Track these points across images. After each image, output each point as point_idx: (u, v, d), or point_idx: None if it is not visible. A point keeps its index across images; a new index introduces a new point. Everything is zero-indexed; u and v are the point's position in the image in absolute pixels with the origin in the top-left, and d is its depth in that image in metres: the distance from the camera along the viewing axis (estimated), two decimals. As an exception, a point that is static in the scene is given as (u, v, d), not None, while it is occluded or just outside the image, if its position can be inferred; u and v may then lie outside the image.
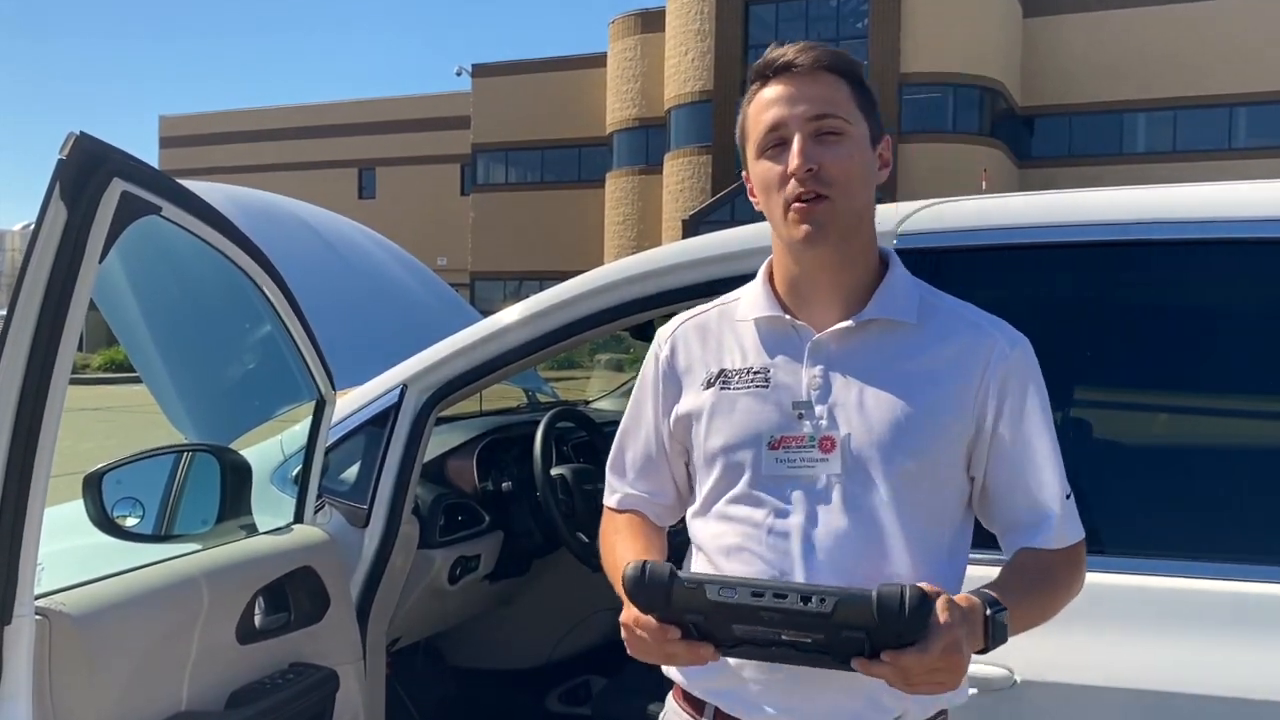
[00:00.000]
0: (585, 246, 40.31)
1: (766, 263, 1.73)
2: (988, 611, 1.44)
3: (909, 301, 1.64)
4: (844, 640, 1.36)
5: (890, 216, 2.37)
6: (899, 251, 2.26)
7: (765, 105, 1.62)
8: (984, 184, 27.97)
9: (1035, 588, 1.56)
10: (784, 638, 1.38)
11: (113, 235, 1.80)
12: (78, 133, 1.75)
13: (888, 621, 1.32)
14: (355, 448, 2.92)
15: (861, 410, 1.58)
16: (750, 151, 1.65)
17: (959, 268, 2.31)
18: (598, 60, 41.61)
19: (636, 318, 2.68)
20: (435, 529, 3.22)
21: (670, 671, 1.72)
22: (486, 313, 3.34)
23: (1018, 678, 1.98)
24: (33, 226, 1.73)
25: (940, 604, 1.37)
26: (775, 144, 1.60)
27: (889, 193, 30.74)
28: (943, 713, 1.66)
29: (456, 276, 40.49)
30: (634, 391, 1.83)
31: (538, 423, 3.56)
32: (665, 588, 1.41)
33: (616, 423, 1.89)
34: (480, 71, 44.53)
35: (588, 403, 4.84)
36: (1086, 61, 35.76)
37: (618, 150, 40.13)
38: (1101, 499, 2.16)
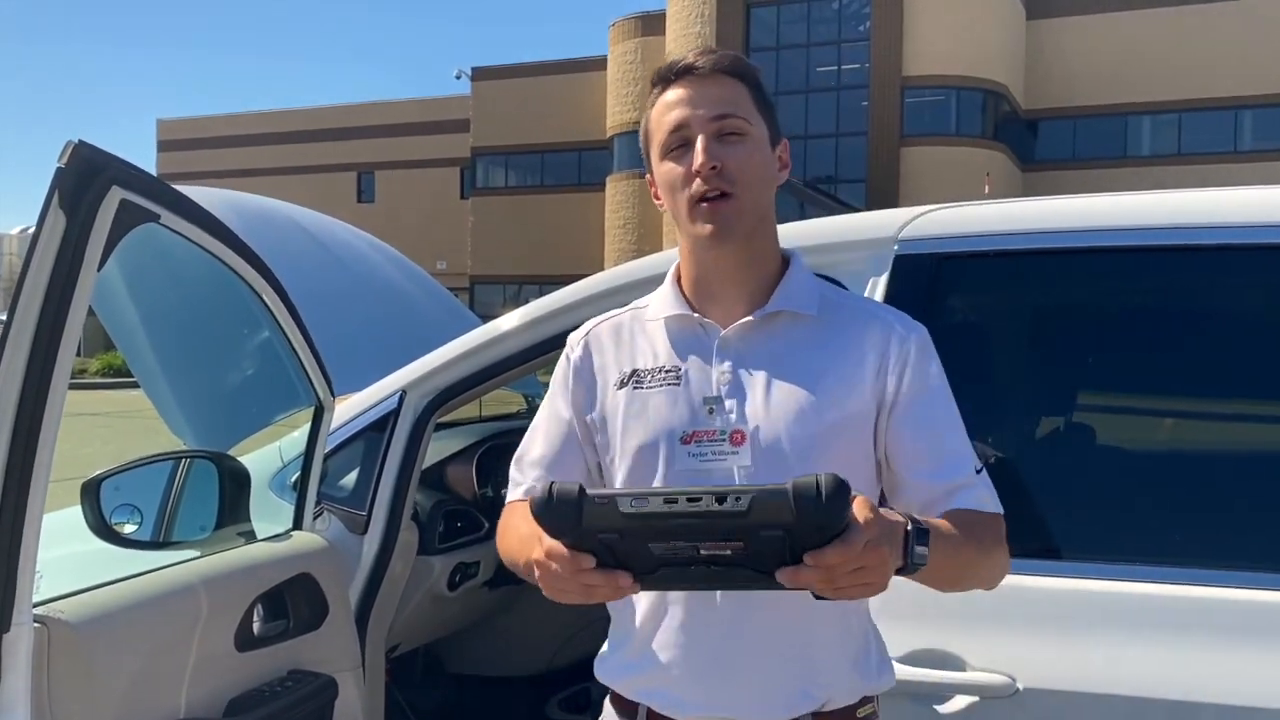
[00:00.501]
0: (585, 250, 40.31)
1: (674, 265, 1.78)
2: (909, 526, 1.42)
3: (809, 295, 1.70)
4: (764, 543, 1.31)
5: (891, 222, 2.38)
6: (900, 258, 2.30)
7: (668, 107, 1.67)
8: (987, 188, 27.98)
9: (960, 532, 1.55)
10: (703, 553, 1.33)
11: (111, 243, 1.82)
12: (76, 141, 1.77)
13: (806, 512, 1.27)
14: (354, 454, 2.93)
15: (768, 402, 1.63)
16: (654, 153, 1.71)
17: (961, 274, 2.31)
18: (598, 63, 41.63)
19: (636, 323, 2.69)
20: (434, 535, 3.24)
21: (600, 674, 1.75)
22: (486, 317, 3.35)
23: (1020, 685, 1.98)
24: (30, 231, 1.75)
25: (859, 501, 1.34)
26: (678, 145, 1.65)
27: (889, 198, 30.74)
28: (868, 699, 1.67)
29: (456, 281, 40.49)
30: (547, 393, 1.85)
31: (537, 429, 3.57)
32: (575, 505, 1.34)
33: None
34: (480, 74, 44.57)
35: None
36: (1091, 64, 35.76)
37: (618, 153, 40.13)
38: (1106, 505, 2.17)
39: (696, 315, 1.71)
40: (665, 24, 36.99)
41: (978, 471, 1.66)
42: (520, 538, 1.65)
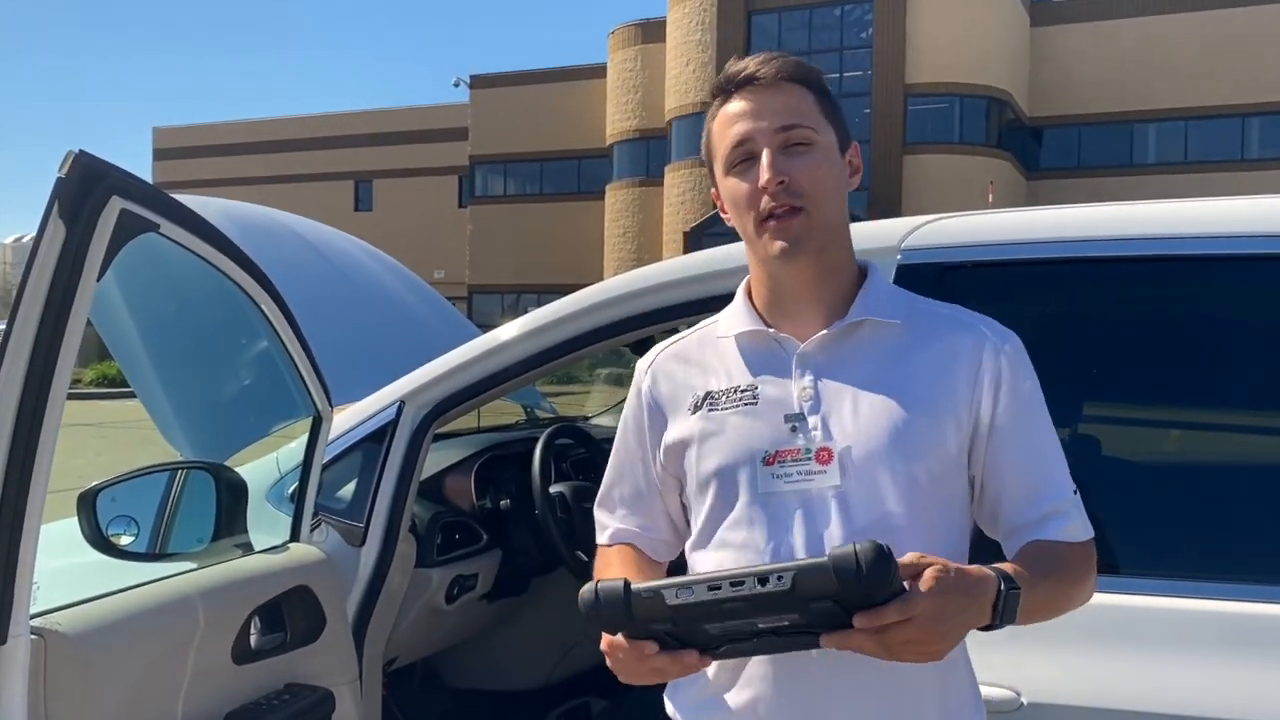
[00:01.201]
0: (585, 260, 40.34)
1: (745, 281, 1.73)
2: (1001, 586, 1.40)
3: (893, 303, 1.65)
4: (817, 613, 1.32)
5: (894, 232, 2.38)
6: (903, 268, 2.30)
7: (730, 120, 1.62)
8: (991, 197, 28.00)
9: (1051, 574, 1.52)
10: (761, 626, 1.35)
11: (111, 253, 1.83)
12: (77, 151, 1.78)
13: (849, 584, 1.28)
14: (352, 465, 2.93)
15: (856, 417, 1.57)
16: (718, 169, 1.66)
17: (965, 284, 2.30)
18: (597, 71, 41.72)
19: (637, 333, 2.70)
20: (433, 547, 3.24)
21: (674, 704, 1.70)
22: (485, 327, 3.37)
23: (1024, 700, 1.98)
24: (25, 240, 1.76)
25: (929, 572, 1.33)
26: (743, 160, 1.60)
27: (892, 207, 30.74)
28: None
29: (454, 290, 40.51)
30: (619, 427, 1.82)
31: (536, 439, 3.58)
32: (623, 603, 1.37)
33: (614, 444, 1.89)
34: (478, 82, 44.66)
35: (587, 419, 4.86)
36: (1096, 71, 35.82)
37: (618, 162, 40.21)
38: (1112, 518, 2.17)
39: (771, 330, 1.65)
40: (665, 31, 37.08)
41: (1075, 493, 1.61)
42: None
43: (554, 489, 3.48)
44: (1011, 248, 2.32)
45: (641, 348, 3.37)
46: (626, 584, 1.37)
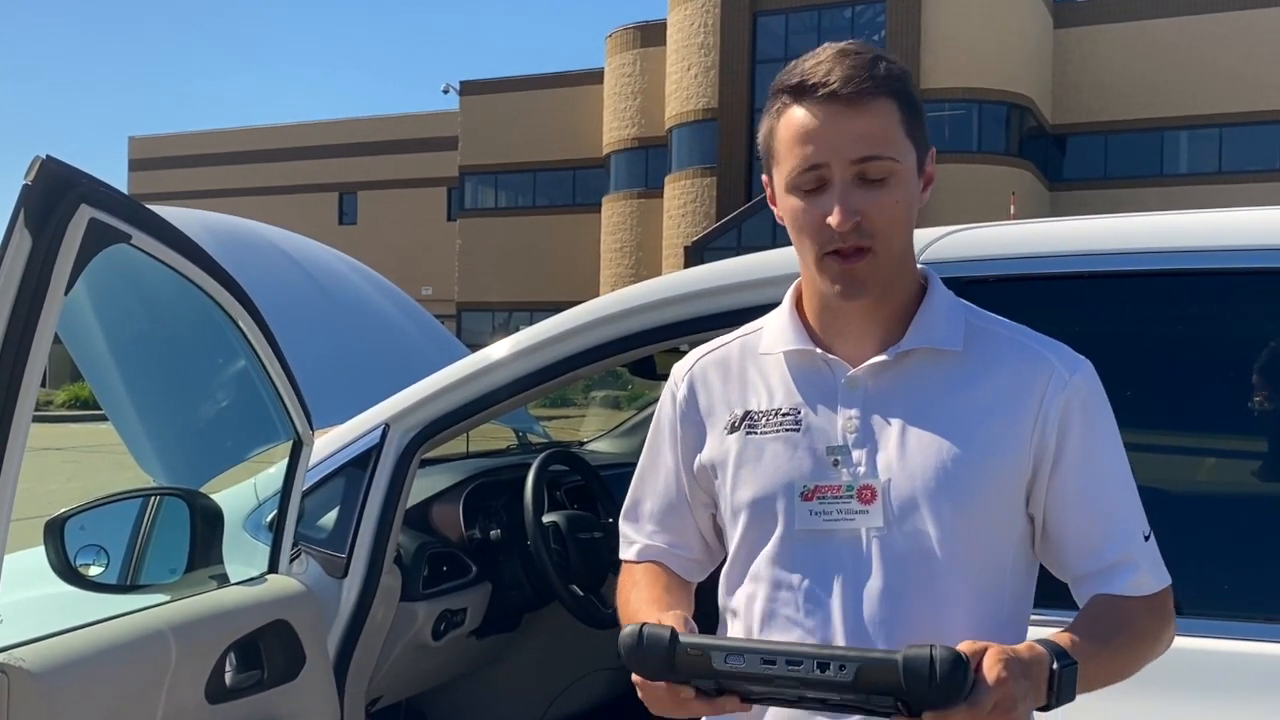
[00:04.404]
0: (580, 275, 40.39)
1: (794, 287, 1.68)
2: (1054, 665, 1.38)
3: (952, 327, 1.59)
4: (875, 702, 1.33)
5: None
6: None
7: (802, 135, 1.52)
8: (1013, 208, 28.04)
9: (1113, 638, 1.50)
10: (809, 696, 1.35)
11: (79, 265, 1.84)
12: (44, 157, 1.80)
13: (917, 689, 1.29)
14: (334, 492, 2.94)
15: (904, 454, 1.53)
16: (778, 177, 1.58)
17: (986, 300, 2.29)
18: (594, 76, 41.86)
19: (635, 353, 2.71)
20: (419, 580, 3.24)
21: None
22: (474, 346, 3.38)
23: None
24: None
25: (990, 659, 1.33)
26: (813, 186, 1.52)
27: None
28: None
29: (442, 307, 40.55)
30: (650, 434, 1.80)
31: (529, 466, 3.58)
32: (667, 653, 1.37)
33: (613, 466, 1.90)
34: (469, 89, 44.79)
35: (583, 444, 4.86)
36: (1123, 75, 35.89)
37: (615, 172, 40.29)
38: None
39: (820, 351, 1.61)
40: (666, 34, 37.22)
41: (1147, 538, 1.57)
42: (643, 602, 1.65)
43: (547, 518, 3.48)
44: (1039, 261, 2.32)
45: (641, 369, 3.40)
46: (674, 634, 1.37)
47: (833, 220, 1.49)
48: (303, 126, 52.05)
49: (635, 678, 1.45)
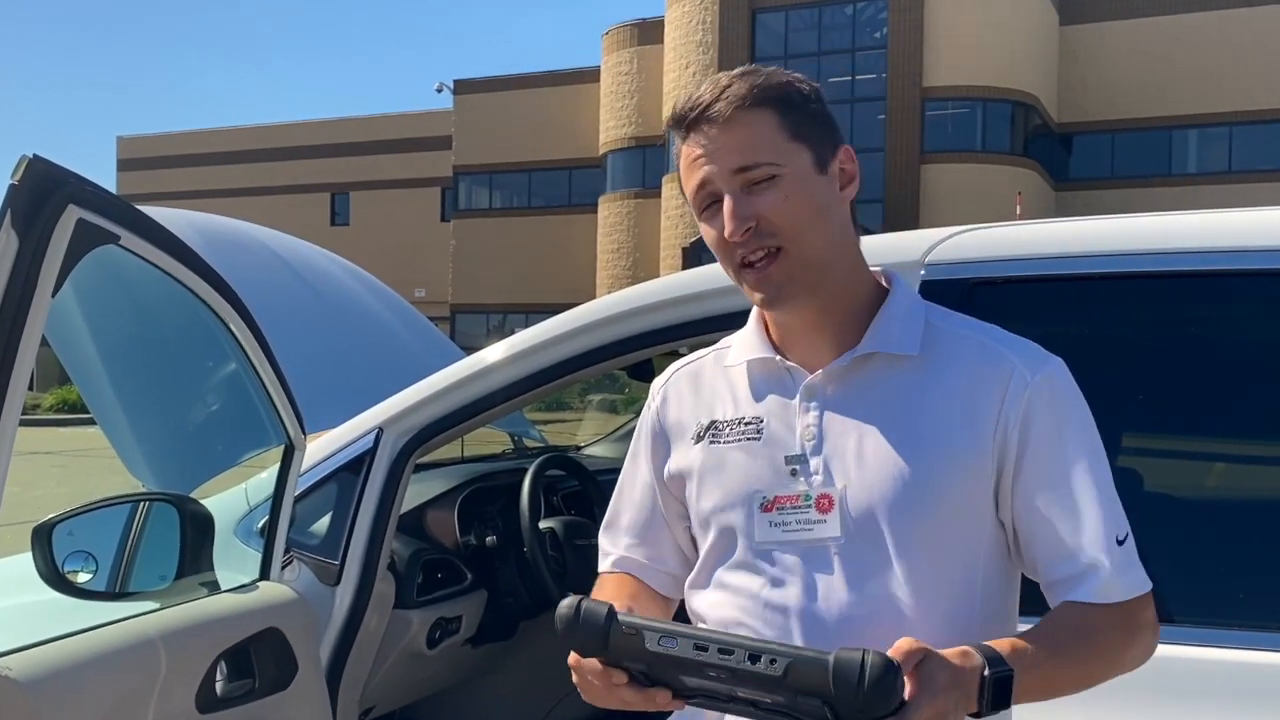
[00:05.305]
0: (576, 277, 40.39)
1: None
2: (985, 671, 1.37)
3: (909, 330, 1.60)
4: (804, 706, 1.31)
5: (917, 245, 2.39)
6: (927, 284, 2.29)
7: (689, 162, 1.58)
8: (1019, 208, 28.07)
9: (1065, 648, 1.48)
10: (740, 694, 1.34)
11: (67, 266, 1.85)
12: (30, 156, 1.80)
13: (845, 694, 1.26)
14: (326, 497, 2.94)
15: (860, 462, 1.54)
16: (693, 211, 1.63)
17: (992, 301, 2.29)
18: (590, 75, 41.87)
19: (632, 356, 2.72)
20: (413, 587, 3.24)
21: None
22: (469, 349, 3.38)
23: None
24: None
25: (923, 672, 1.32)
26: (709, 203, 1.57)
27: (909, 220, 30.76)
28: None
29: (436, 309, 40.52)
30: (630, 447, 1.82)
31: (525, 471, 3.59)
32: (602, 631, 1.38)
33: (611, 470, 1.91)
34: (463, 88, 44.81)
35: (579, 448, 4.87)
36: (1131, 73, 35.87)
37: (612, 172, 40.30)
38: (1157, 559, 2.15)
39: (779, 359, 1.63)
40: (663, 32, 37.22)
41: (1120, 543, 1.54)
42: None
43: (544, 525, 3.49)
44: (1048, 262, 2.32)
45: (637, 372, 3.40)
46: (611, 611, 1.38)
47: (727, 231, 1.53)
48: (294, 126, 52.06)
49: (571, 659, 1.49)
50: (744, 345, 1.69)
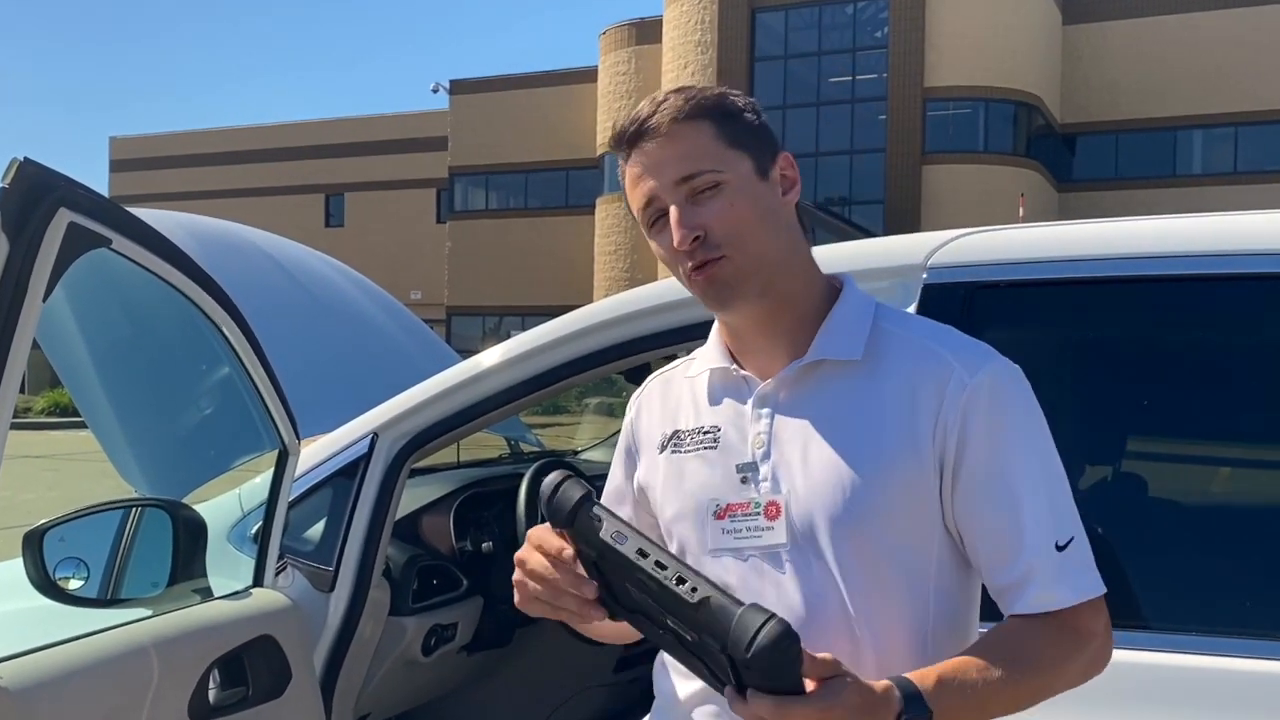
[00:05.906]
0: (573, 279, 40.41)
1: None
2: (898, 709, 1.34)
3: (854, 335, 1.61)
4: (709, 651, 1.30)
5: (919, 248, 2.39)
6: (929, 288, 2.29)
7: (633, 179, 1.62)
8: (1021, 210, 28.08)
9: (999, 669, 1.44)
10: (670, 623, 1.35)
11: (59, 270, 1.85)
12: (21, 159, 1.81)
13: (737, 643, 1.25)
14: (321, 503, 2.95)
15: (805, 469, 1.56)
16: (643, 228, 1.66)
17: (999, 306, 2.31)
18: (588, 75, 41.88)
19: (630, 360, 2.72)
20: (408, 594, 3.25)
21: None
22: (465, 352, 3.39)
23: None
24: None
25: (839, 683, 1.31)
26: (656, 217, 1.61)
27: (909, 222, 30.76)
28: None
29: (432, 312, 40.55)
30: (613, 458, 1.87)
31: (521, 476, 3.59)
32: (572, 507, 1.41)
33: (607, 475, 1.92)
34: (459, 88, 44.84)
35: (576, 453, 4.87)
36: (1134, 73, 35.89)
37: (609, 173, 40.19)
38: (1156, 565, 2.14)
39: (735, 368, 1.66)
40: (662, 31, 37.24)
41: (1061, 548, 1.51)
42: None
43: (541, 530, 3.49)
44: (1051, 266, 2.31)
45: (635, 376, 3.40)
46: (588, 495, 1.42)
47: (675, 240, 1.57)
48: (288, 126, 52.08)
49: (520, 553, 1.57)
50: (706, 355, 1.73)
